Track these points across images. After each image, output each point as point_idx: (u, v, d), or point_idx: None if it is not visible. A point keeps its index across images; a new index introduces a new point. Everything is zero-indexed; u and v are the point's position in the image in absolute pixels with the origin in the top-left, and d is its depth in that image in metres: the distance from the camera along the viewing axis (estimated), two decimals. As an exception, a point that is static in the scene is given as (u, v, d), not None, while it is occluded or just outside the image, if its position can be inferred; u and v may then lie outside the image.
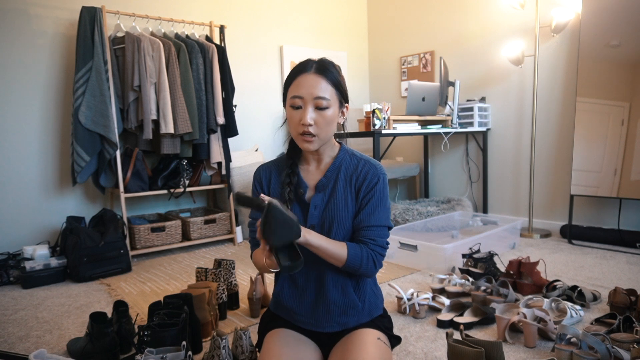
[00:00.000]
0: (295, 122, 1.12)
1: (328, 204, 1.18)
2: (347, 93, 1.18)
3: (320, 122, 1.11)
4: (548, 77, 3.23)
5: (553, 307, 1.77)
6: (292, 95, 1.12)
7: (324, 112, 1.11)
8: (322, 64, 1.13)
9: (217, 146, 3.10)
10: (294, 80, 1.13)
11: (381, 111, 2.80)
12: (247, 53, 3.74)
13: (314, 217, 1.18)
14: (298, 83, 1.11)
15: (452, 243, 2.42)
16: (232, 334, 1.51)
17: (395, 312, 1.86)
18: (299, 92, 1.10)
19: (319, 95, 1.09)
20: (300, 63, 1.15)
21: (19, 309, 2.05)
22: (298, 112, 1.12)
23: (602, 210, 3.02)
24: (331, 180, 1.19)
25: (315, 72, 1.11)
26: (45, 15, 2.81)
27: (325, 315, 1.18)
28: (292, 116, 1.13)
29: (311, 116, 1.10)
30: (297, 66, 1.14)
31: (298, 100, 1.11)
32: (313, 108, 1.10)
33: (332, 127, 1.15)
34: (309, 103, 1.10)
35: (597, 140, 2.86)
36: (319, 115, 1.11)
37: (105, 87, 2.64)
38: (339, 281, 1.18)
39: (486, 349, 1.18)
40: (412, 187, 4.28)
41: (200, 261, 2.79)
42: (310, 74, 1.11)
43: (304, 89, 1.10)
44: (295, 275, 1.20)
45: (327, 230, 1.17)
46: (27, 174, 2.79)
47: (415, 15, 4.10)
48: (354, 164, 1.21)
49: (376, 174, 1.18)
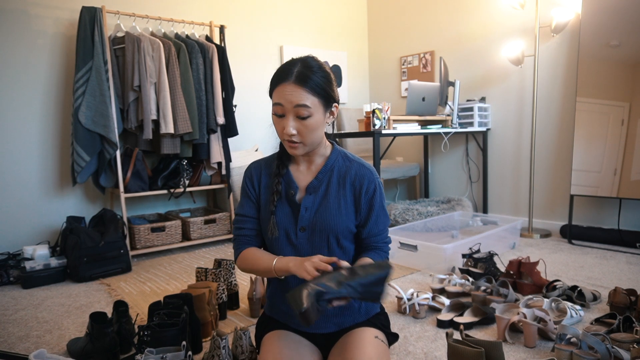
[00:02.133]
0: (279, 131, 1.13)
1: (320, 207, 1.18)
2: (333, 94, 1.13)
3: (303, 131, 1.09)
4: (548, 77, 3.23)
5: (553, 307, 1.77)
6: (274, 102, 1.10)
7: (306, 122, 1.08)
8: (302, 72, 1.08)
9: (217, 146, 3.11)
10: (275, 88, 1.10)
11: (381, 111, 2.80)
12: (247, 53, 3.74)
13: (304, 220, 1.18)
14: (278, 91, 1.09)
15: (452, 243, 2.42)
16: (232, 334, 1.51)
17: (395, 312, 1.86)
18: (279, 100, 1.09)
19: (299, 104, 1.07)
20: (282, 69, 1.10)
21: (19, 309, 2.05)
22: (281, 120, 1.10)
23: (602, 210, 3.02)
24: (323, 182, 1.19)
25: (295, 82, 1.07)
26: (45, 15, 2.81)
27: (320, 317, 1.17)
28: (276, 124, 1.13)
29: (292, 125, 1.08)
30: (279, 72, 1.10)
31: (279, 108, 1.09)
32: (294, 117, 1.08)
33: (317, 133, 1.12)
34: (290, 112, 1.08)
35: (597, 140, 2.86)
36: (300, 125, 1.09)
37: (105, 87, 2.64)
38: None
39: (486, 349, 1.18)
40: (412, 187, 4.28)
41: (200, 261, 2.79)
42: (289, 83, 1.07)
43: (283, 98, 1.08)
44: (289, 277, 1.19)
45: (318, 234, 1.17)
46: (27, 174, 2.79)
47: (415, 15, 4.10)
48: (346, 167, 1.20)
49: (372, 179, 1.20)
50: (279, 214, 1.19)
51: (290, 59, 1.14)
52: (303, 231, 1.18)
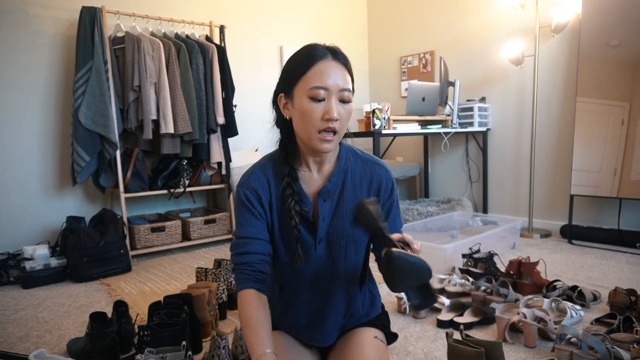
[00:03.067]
0: (317, 117, 0.95)
1: (335, 215, 1.05)
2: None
3: (344, 117, 0.97)
4: (548, 77, 3.23)
5: (553, 307, 1.77)
6: (314, 86, 0.94)
7: (348, 106, 0.98)
8: (338, 50, 0.98)
9: (217, 146, 3.11)
10: (311, 68, 0.95)
11: (381, 111, 2.80)
12: (247, 53, 3.74)
13: (322, 231, 1.05)
14: (319, 71, 0.94)
15: (452, 243, 2.42)
16: (232, 334, 1.51)
17: (395, 312, 1.86)
18: (324, 82, 0.94)
19: (345, 87, 0.95)
20: (309, 48, 0.98)
21: (19, 309, 2.05)
22: (320, 105, 0.94)
23: (602, 210, 3.02)
24: (337, 186, 1.06)
25: (336, 60, 0.96)
26: (45, 15, 2.81)
27: (330, 331, 1.13)
28: (312, 110, 0.94)
29: (338, 109, 0.95)
30: (307, 52, 0.97)
31: (321, 92, 0.94)
32: (337, 100, 0.95)
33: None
34: (334, 95, 0.95)
35: (597, 140, 2.86)
36: (343, 109, 0.97)
37: (105, 87, 2.64)
38: (349, 294, 1.13)
39: (486, 349, 1.18)
40: (412, 187, 4.28)
41: (200, 261, 2.79)
42: (331, 60, 0.96)
43: (330, 79, 0.94)
44: (303, 292, 1.10)
45: (336, 243, 1.05)
46: (27, 174, 2.79)
47: (415, 15, 4.10)
48: (360, 168, 1.08)
49: (389, 178, 1.10)
50: (302, 225, 1.04)
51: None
52: (320, 242, 1.06)
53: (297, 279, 1.10)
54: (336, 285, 1.09)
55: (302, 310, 1.12)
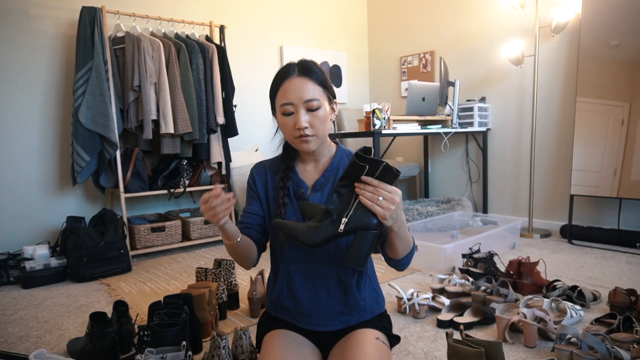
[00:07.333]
0: (290, 128, 1.11)
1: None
2: (333, 89, 1.17)
3: (315, 123, 1.10)
4: (548, 77, 3.23)
5: (553, 307, 1.77)
6: (282, 103, 1.10)
7: (317, 113, 1.10)
8: (304, 65, 1.12)
9: (217, 146, 3.11)
10: (280, 87, 1.11)
11: (381, 111, 2.80)
12: (247, 53, 3.74)
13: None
14: (285, 89, 1.10)
15: (452, 243, 2.42)
16: (232, 334, 1.51)
17: (395, 312, 1.86)
18: (288, 98, 1.09)
19: (308, 99, 1.09)
20: (281, 69, 1.13)
21: (19, 309, 2.05)
22: (291, 118, 1.10)
23: (602, 210, 3.02)
24: (329, 179, 1.19)
25: (300, 75, 1.10)
26: (45, 15, 2.81)
27: (327, 314, 1.18)
28: (286, 123, 1.11)
29: (305, 119, 1.09)
30: (279, 73, 1.13)
31: (289, 107, 1.09)
32: (305, 111, 1.09)
33: (328, 125, 1.14)
34: (300, 107, 1.09)
35: (597, 140, 2.86)
36: (312, 117, 1.10)
37: (105, 87, 2.64)
38: (342, 280, 1.18)
39: (486, 349, 1.18)
40: (412, 187, 4.28)
41: (200, 261, 2.79)
42: (294, 77, 1.10)
43: (292, 94, 1.09)
44: (297, 275, 1.19)
45: None
46: (27, 174, 2.79)
47: (415, 15, 4.10)
48: None
49: None
50: (289, 215, 1.18)
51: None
52: None
53: (291, 262, 1.20)
54: (327, 269, 1.17)
55: (299, 293, 1.19)
